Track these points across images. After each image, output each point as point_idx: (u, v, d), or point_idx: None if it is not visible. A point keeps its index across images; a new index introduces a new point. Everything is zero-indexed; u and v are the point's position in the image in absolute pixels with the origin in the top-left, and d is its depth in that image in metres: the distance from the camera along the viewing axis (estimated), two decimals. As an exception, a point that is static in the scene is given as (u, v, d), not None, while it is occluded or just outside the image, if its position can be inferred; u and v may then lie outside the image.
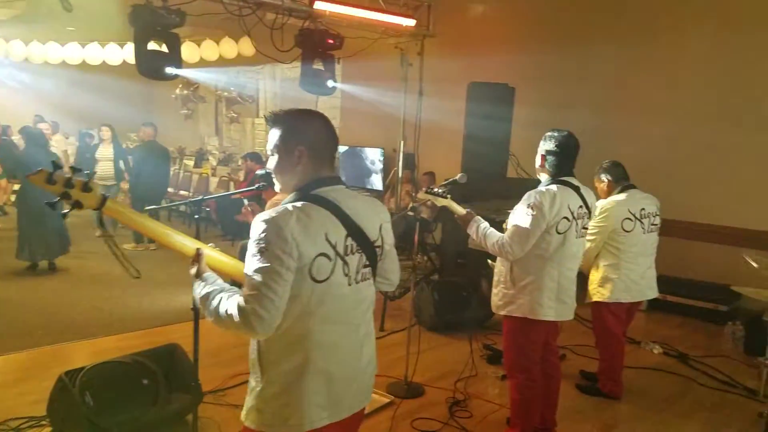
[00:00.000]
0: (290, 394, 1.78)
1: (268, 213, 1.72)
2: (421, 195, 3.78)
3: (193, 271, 1.91)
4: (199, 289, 1.84)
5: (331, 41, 6.34)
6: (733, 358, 4.92)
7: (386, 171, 9.28)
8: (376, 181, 9.56)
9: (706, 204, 6.09)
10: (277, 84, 12.01)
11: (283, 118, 1.90)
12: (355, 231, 1.83)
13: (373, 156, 9.59)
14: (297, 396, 1.78)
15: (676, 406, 4.09)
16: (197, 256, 1.92)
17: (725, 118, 6.02)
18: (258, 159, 8.29)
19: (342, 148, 9.67)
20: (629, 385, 4.23)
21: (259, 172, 4.47)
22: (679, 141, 6.29)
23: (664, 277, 4.21)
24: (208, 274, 1.89)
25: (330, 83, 6.70)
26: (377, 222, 1.94)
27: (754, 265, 2.56)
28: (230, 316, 1.69)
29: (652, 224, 4.07)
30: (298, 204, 1.76)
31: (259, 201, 4.53)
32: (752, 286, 4.09)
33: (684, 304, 5.90)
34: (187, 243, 1.97)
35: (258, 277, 1.67)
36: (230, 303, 1.72)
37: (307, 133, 1.86)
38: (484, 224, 3.25)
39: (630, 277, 3.99)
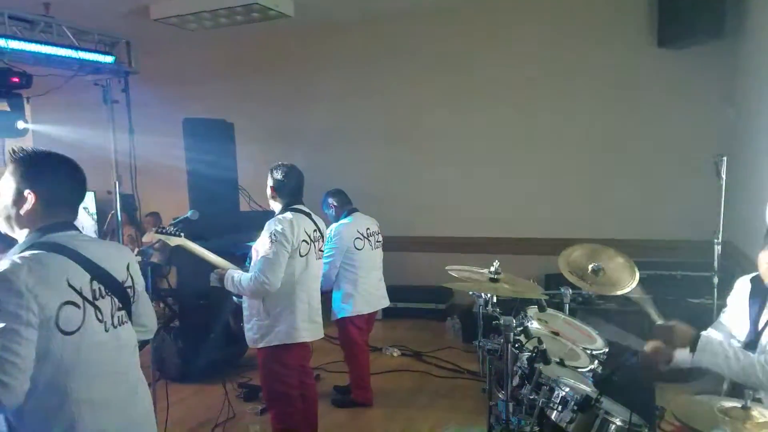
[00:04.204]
0: None
1: None
2: (149, 236, 3.56)
3: None
4: None
5: (16, 80, 5.57)
6: (455, 348, 5.64)
7: (101, 216, 8.42)
8: (89, 228, 8.61)
9: (413, 220, 6.86)
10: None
11: (19, 157, 1.68)
12: (99, 274, 1.68)
13: (84, 201, 8.61)
14: None
15: (419, 400, 4.52)
16: None
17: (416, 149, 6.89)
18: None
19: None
20: (377, 389, 4.54)
21: None
22: (387, 167, 6.98)
23: (391, 287, 4.68)
24: None
25: (20, 124, 5.87)
26: (123, 262, 1.81)
27: (455, 275, 3.09)
28: None
29: (377, 241, 4.48)
30: (27, 254, 1.55)
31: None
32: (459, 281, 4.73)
33: (411, 308, 6.56)
34: None
35: None
36: None
37: (41, 179, 1.68)
38: (237, 273, 3.20)
39: (367, 290, 4.33)
